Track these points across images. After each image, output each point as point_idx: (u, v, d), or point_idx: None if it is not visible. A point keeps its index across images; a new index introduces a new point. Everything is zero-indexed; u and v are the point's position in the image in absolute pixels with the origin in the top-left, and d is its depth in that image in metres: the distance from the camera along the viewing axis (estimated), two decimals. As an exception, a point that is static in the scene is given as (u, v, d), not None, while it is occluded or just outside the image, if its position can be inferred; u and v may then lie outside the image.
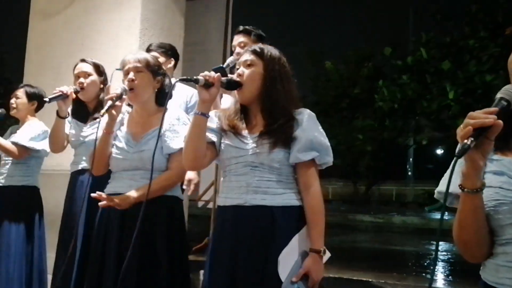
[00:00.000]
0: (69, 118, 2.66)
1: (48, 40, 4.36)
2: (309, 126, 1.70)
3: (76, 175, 2.65)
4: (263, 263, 1.62)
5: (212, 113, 1.77)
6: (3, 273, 2.89)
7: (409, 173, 25.75)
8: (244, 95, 1.73)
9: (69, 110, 2.63)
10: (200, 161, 1.73)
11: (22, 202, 3.01)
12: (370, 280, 3.79)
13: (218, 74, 1.65)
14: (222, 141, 1.76)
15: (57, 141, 2.65)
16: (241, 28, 2.88)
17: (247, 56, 1.76)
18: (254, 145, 1.69)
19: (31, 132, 2.98)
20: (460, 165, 1.07)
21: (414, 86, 13.06)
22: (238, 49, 2.82)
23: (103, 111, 1.97)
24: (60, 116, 2.57)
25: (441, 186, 1.25)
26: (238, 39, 2.86)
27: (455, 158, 1.03)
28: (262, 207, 1.66)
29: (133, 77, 2.03)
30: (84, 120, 2.67)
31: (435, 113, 12.90)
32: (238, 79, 1.72)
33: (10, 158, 3.02)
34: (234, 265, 1.64)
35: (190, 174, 2.94)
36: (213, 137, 1.74)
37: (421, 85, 13.04)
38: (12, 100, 3.08)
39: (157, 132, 2.02)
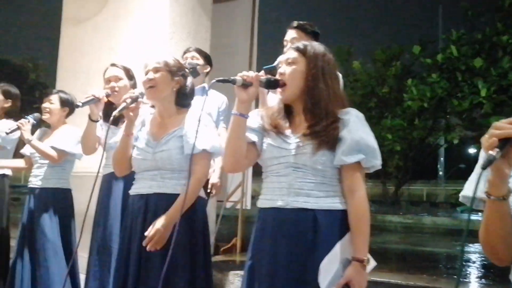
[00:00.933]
0: (101, 121, 2.73)
1: (79, 46, 4.48)
2: (355, 127, 1.62)
3: (107, 177, 2.71)
4: (303, 269, 1.57)
5: (254, 112, 1.75)
6: (43, 273, 2.98)
7: (440, 173, 25.24)
8: (286, 94, 1.68)
9: (101, 113, 2.70)
10: (240, 162, 1.70)
11: (58, 204, 3.11)
12: (399, 282, 3.74)
13: (257, 73, 1.63)
14: (264, 141, 1.71)
15: (89, 144, 2.72)
16: (295, 23, 2.74)
17: (290, 54, 1.71)
18: (297, 145, 1.63)
19: (69, 137, 3.08)
20: (486, 170, 1.05)
21: (444, 84, 12.82)
22: (289, 45, 2.75)
23: (116, 112, 2.02)
24: (92, 120, 2.64)
25: (466, 190, 1.23)
26: (292, 34, 2.72)
27: (480, 170, 1.02)
28: (304, 210, 1.60)
29: (151, 76, 2.07)
30: (115, 123, 2.72)
31: (467, 112, 12.63)
32: (279, 78, 1.67)
33: (46, 161, 3.11)
34: (274, 269, 1.60)
35: (213, 178, 2.97)
36: (253, 138, 1.70)
37: (451, 83, 12.79)
38: (46, 105, 3.18)
39: (177, 132, 2.07)
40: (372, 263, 1.63)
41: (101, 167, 2.78)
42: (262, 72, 1.65)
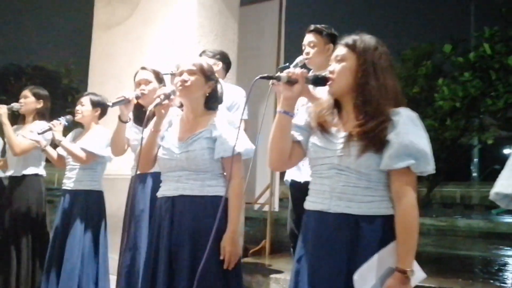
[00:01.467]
0: (131, 123, 2.77)
1: (109, 51, 4.57)
2: (405, 129, 1.51)
3: (137, 178, 2.75)
4: (345, 276, 1.51)
5: (303, 109, 1.72)
6: (72, 274, 3.04)
7: (474, 174, 24.60)
8: (333, 91, 1.63)
9: (130, 115, 2.74)
10: (285, 161, 1.66)
11: (90, 205, 3.17)
12: (434, 286, 3.65)
13: (303, 70, 1.59)
14: (310, 139, 1.66)
15: (118, 145, 2.77)
16: (312, 27, 2.76)
17: (339, 51, 1.63)
18: (342, 146, 1.56)
19: (99, 139, 3.14)
20: None
21: (477, 83, 12.50)
22: (307, 49, 2.71)
23: (151, 106, 2.03)
24: (121, 121, 2.69)
25: (499, 187, 1.18)
26: (309, 38, 2.74)
27: None
28: (346, 215, 1.54)
29: (186, 78, 2.08)
30: (141, 123, 2.76)
31: (501, 111, 12.28)
32: (326, 75, 1.62)
33: (78, 164, 3.18)
34: (314, 275, 1.56)
35: None
36: (299, 136, 1.66)
37: (484, 82, 12.45)
38: (78, 107, 3.27)
39: (204, 133, 2.07)
40: (420, 275, 1.54)
41: (130, 169, 2.83)
42: (301, 70, 1.60)
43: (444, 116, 15.54)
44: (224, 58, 3.15)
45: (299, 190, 1.86)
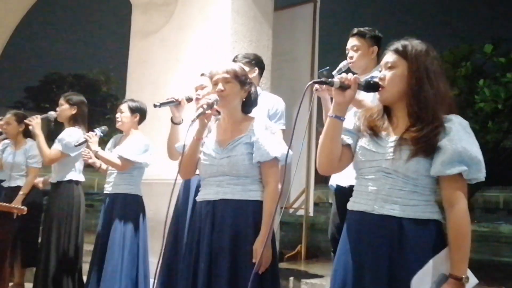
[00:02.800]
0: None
1: (146, 58, 4.67)
2: (458, 136, 1.52)
3: (182, 183, 2.79)
4: (387, 276, 1.52)
5: (351, 113, 1.72)
6: (112, 277, 3.10)
7: (518, 179, 23.71)
8: (383, 96, 1.63)
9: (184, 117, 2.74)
10: (334, 164, 1.68)
11: (128, 209, 3.24)
12: (475, 294, 3.54)
13: (356, 76, 1.60)
14: (358, 143, 1.68)
15: (173, 148, 2.74)
16: (355, 30, 2.72)
17: (389, 58, 1.64)
18: (391, 150, 1.57)
19: (134, 146, 3.21)
20: None
21: (520, 84, 12.05)
22: (351, 53, 2.68)
23: (194, 117, 2.04)
24: (173, 122, 2.73)
25: None
26: (352, 42, 2.70)
27: None
28: (390, 217, 1.54)
29: (222, 88, 2.10)
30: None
31: (546, 113, 11.80)
32: (378, 81, 1.63)
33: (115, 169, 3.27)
34: (358, 274, 1.57)
35: None
36: (348, 140, 1.67)
37: (528, 83, 12.00)
38: (117, 115, 3.35)
39: (244, 138, 2.10)
40: (473, 281, 1.53)
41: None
42: (354, 76, 1.60)
43: (485, 118, 15.09)
44: (259, 63, 3.14)
45: (344, 195, 1.86)
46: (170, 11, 4.54)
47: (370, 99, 2.36)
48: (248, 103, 2.19)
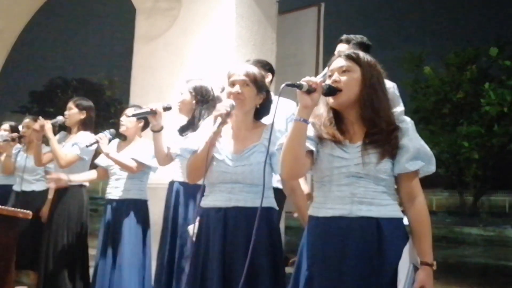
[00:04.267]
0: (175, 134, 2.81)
1: (150, 62, 4.68)
2: (414, 135, 1.66)
3: (178, 186, 2.81)
4: (371, 275, 1.58)
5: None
6: (125, 282, 3.10)
7: (524, 182, 23.56)
8: (340, 100, 1.67)
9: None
10: (299, 170, 1.69)
11: (137, 214, 3.23)
12: (481, 298, 3.50)
13: (321, 79, 1.62)
14: (319, 149, 1.70)
15: (158, 155, 2.87)
16: (343, 37, 2.79)
17: (342, 62, 1.70)
18: (359, 155, 1.63)
19: (146, 150, 3.20)
20: None
21: (526, 87, 12.01)
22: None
23: (214, 127, 1.99)
24: (152, 130, 2.79)
25: None
26: (338, 48, 2.76)
27: None
28: (368, 218, 1.61)
29: (240, 90, 2.07)
30: (181, 132, 2.81)
31: (553, 116, 11.74)
32: (335, 85, 1.66)
33: (125, 174, 3.25)
34: (340, 278, 1.60)
35: None
36: (311, 146, 1.69)
37: (534, 86, 11.96)
38: (122, 118, 3.33)
39: (258, 147, 2.08)
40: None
41: (180, 176, 2.87)
42: (320, 79, 1.62)
43: (491, 121, 15.06)
44: (271, 69, 3.15)
45: None
46: (174, 15, 4.55)
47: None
48: (262, 110, 2.16)
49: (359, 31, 3.42)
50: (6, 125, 4.45)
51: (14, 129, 4.29)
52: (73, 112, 3.58)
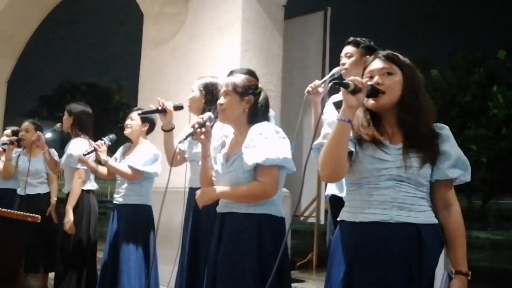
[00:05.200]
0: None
1: (158, 67, 4.72)
2: (454, 143, 1.64)
3: (194, 191, 2.79)
4: (410, 282, 1.55)
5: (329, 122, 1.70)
6: (125, 286, 3.12)
7: (533, 186, 23.35)
8: (382, 102, 1.62)
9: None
10: (340, 172, 1.62)
11: (137, 219, 3.24)
12: (489, 303, 3.49)
13: (367, 79, 1.61)
14: (358, 150, 1.64)
15: (169, 155, 2.80)
16: (350, 39, 2.77)
17: (382, 64, 1.65)
18: (400, 157, 1.59)
19: (144, 156, 3.22)
20: None
21: (534, 90, 11.93)
22: (344, 60, 2.70)
23: (182, 138, 2.07)
24: (163, 130, 2.77)
25: None
26: (346, 49, 2.74)
27: None
28: (408, 224, 1.56)
29: (222, 101, 2.12)
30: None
31: (561, 119, 11.65)
32: (378, 87, 1.62)
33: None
34: (382, 284, 1.56)
35: None
36: (351, 147, 1.63)
37: (542, 89, 11.87)
38: (127, 121, 3.35)
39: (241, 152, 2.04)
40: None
41: (186, 180, 2.87)
42: (365, 79, 1.60)
43: (499, 124, 14.95)
44: (254, 75, 3.12)
45: (340, 204, 1.82)
46: (181, 20, 4.59)
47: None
48: (254, 114, 2.13)
49: (365, 35, 3.42)
50: (8, 131, 4.52)
51: (15, 134, 4.31)
52: (64, 118, 3.55)
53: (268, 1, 4.44)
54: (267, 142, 1.98)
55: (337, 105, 1.73)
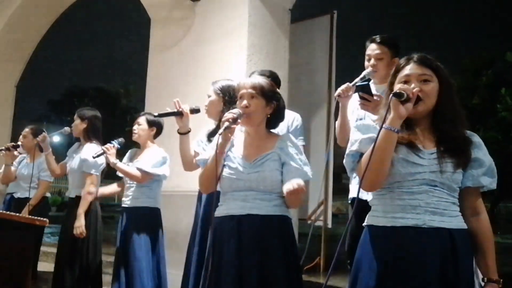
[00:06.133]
0: (203, 138, 2.73)
1: (165, 71, 4.74)
2: (487, 151, 1.65)
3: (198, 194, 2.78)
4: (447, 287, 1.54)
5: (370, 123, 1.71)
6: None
7: (543, 189, 23.10)
8: (420, 110, 1.61)
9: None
10: (382, 179, 1.60)
11: (146, 222, 3.25)
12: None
13: (417, 88, 1.58)
14: (394, 155, 1.61)
15: (185, 159, 2.78)
16: (378, 38, 2.62)
17: (420, 70, 1.63)
18: (435, 162, 1.58)
19: (153, 158, 3.24)
20: None
21: (543, 92, 11.83)
22: (374, 61, 2.57)
23: (220, 131, 1.99)
24: (179, 133, 2.74)
25: None
26: (375, 49, 2.59)
27: None
28: (442, 229, 1.56)
29: (247, 104, 2.07)
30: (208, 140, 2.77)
31: None
32: (412, 92, 1.58)
33: (134, 183, 3.29)
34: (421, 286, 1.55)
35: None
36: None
37: (552, 91, 11.77)
38: (135, 127, 3.37)
39: (271, 155, 2.08)
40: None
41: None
42: (416, 88, 1.58)
43: (508, 127, 14.83)
44: (275, 78, 3.09)
45: (365, 208, 1.79)
46: (188, 25, 4.61)
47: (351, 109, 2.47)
48: (274, 120, 2.16)
49: (375, 35, 3.40)
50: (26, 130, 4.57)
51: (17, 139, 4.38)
52: (76, 123, 3.55)
53: (274, 5, 4.44)
54: (303, 158, 2.12)
55: (363, 90, 1.67)
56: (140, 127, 3.34)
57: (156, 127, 3.37)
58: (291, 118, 2.99)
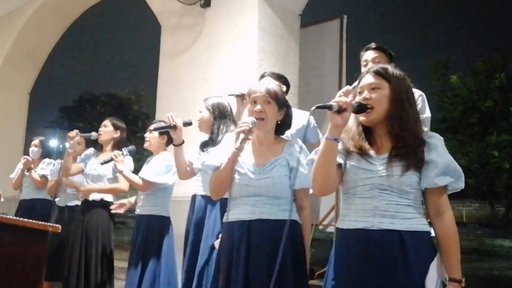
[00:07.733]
0: (198, 150, 2.90)
1: (175, 77, 4.77)
2: (443, 151, 1.66)
3: (201, 199, 2.86)
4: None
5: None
6: None
7: (558, 192, 22.78)
8: (371, 117, 1.70)
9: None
10: (330, 186, 1.71)
11: (153, 230, 3.25)
12: (514, 313, 3.40)
13: (351, 99, 1.64)
14: (347, 162, 1.73)
15: (179, 169, 2.98)
16: (374, 45, 2.81)
17: (371, 79, 1.72)
18: (384, 167, 1.65)
19: (156, 167, 3.27)
20: None
21: (558, 94, 11.70)
22: (370, 65, 2.67)
23: (237, 144, 2.01)
24: (173, 144, 2.90)
25: None
26: (373, 55, 2.77)
27: None
28: (390, 231, 1.61)
29: (262, 108, 2.10)
30: (202, 148, 2.88)
31: None
32: (366, 103, 1.69)
33: None
34: None
35: None
36: (339, 159, 1.72)
37: None
38: (146, 135, 3.40)
39: (280, 161, 2.10)
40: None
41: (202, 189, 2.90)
42: (350, 98, 1.65)
43: (521, 130, 14.66)
44: (286, 81, 3.17)
45: None
46: (198, 31, 4.64)
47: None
48: (283, 126, 2.20)
49: (382, 42, 3.40)
50: (36, 141, 4.67)
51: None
52: (108, 130, 3.65)
53: (284, 11, 4.45)
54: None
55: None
56: (151, 135, 3.38)
57: (167, 135, 3.39)
58: (306, 117, 3.02)
